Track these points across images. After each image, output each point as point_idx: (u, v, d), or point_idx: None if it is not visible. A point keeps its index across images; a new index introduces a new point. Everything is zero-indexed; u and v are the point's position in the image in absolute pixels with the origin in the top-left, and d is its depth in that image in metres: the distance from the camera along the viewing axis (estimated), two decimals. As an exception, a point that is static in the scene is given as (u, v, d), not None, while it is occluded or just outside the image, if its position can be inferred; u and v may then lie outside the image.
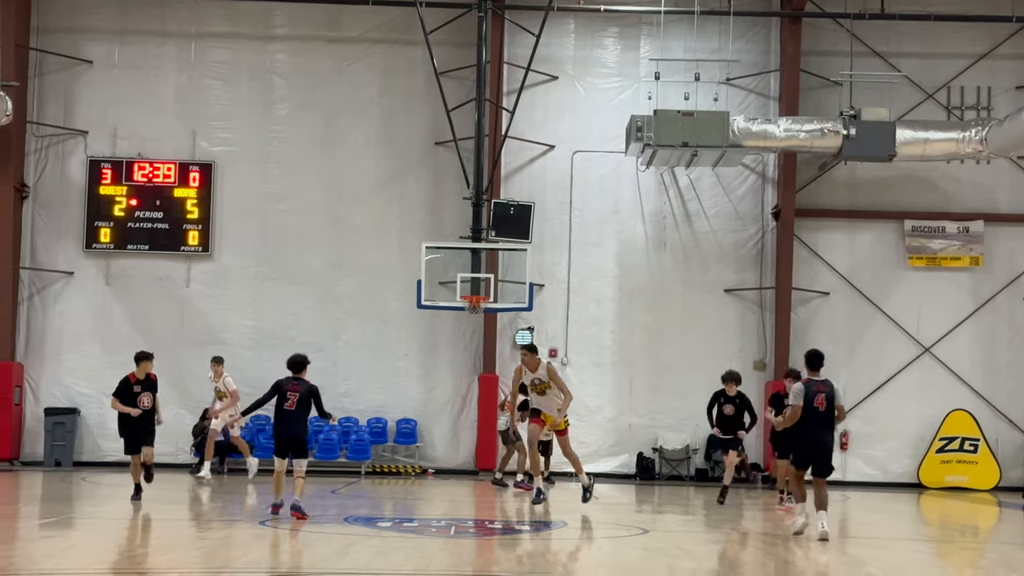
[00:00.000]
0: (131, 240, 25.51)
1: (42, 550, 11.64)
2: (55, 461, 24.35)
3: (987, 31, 25.42)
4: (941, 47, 25.50)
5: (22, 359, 25.04)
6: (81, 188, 25.66)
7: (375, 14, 25.26)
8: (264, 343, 24.35)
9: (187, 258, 25.60)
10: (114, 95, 25.77)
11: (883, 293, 25.51)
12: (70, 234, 25.62)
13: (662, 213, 25.89)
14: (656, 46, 25.57)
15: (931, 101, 25.39)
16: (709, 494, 21.01)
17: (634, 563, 11.72)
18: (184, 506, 17.84)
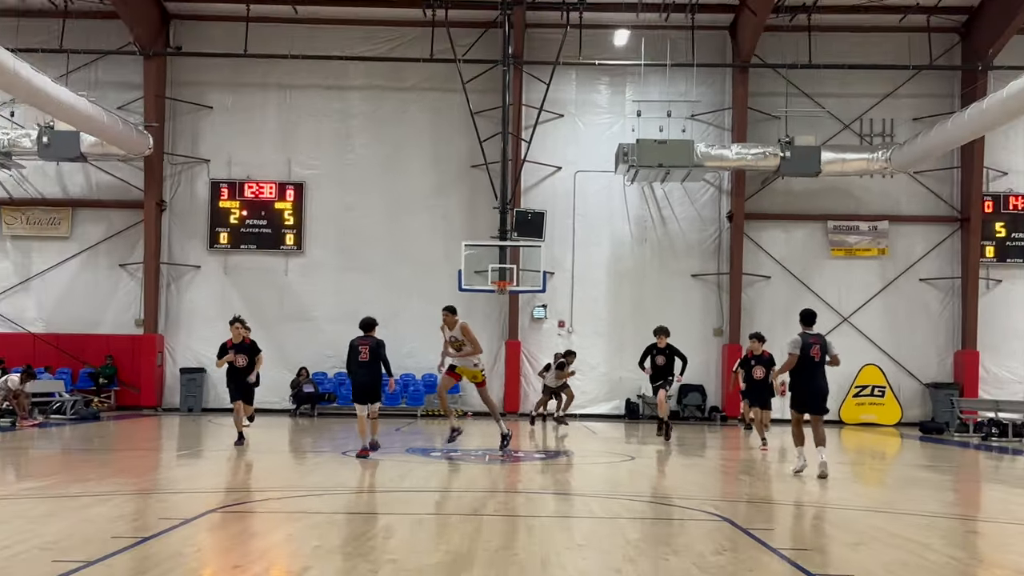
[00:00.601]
0: (243, 241, 25.88)
1: (179, 475, 12.12)
2: (188, 408, 24.83)
3: (890, 76, 25.46)
4: (855, 89, 25.51)
5: (163, 331, 25.46)
6: (205, 203, 26.03)
7: (427, 68, 25.36)
8: (343, 318, 24.38)
9: (285, 254, 25.90)
10: (229, 132, 26.06)
11: (811, 277, 25.66)
12: (197, 237, 26.00)
13: (643, 218, 26.03)
14: (638, 91, 25.73)
15: (848, 130, 25.41)
16: (680, 430, 21.30)
17: (623, 480, 12.20)
18: (285, 443, 18.15)
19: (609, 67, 26.05)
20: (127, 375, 25.19)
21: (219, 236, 25.97)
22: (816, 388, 11.84)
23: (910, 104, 25.70)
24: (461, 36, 24.92)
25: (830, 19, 25.24)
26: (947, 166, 25.73)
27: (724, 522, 8.47)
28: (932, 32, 25.55)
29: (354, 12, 25.63)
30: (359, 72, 25.90)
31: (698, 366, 25.67)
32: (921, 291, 25.59)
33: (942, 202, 26.02)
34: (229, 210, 26.00)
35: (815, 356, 11.66)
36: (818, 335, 11.97)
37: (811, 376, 11.75)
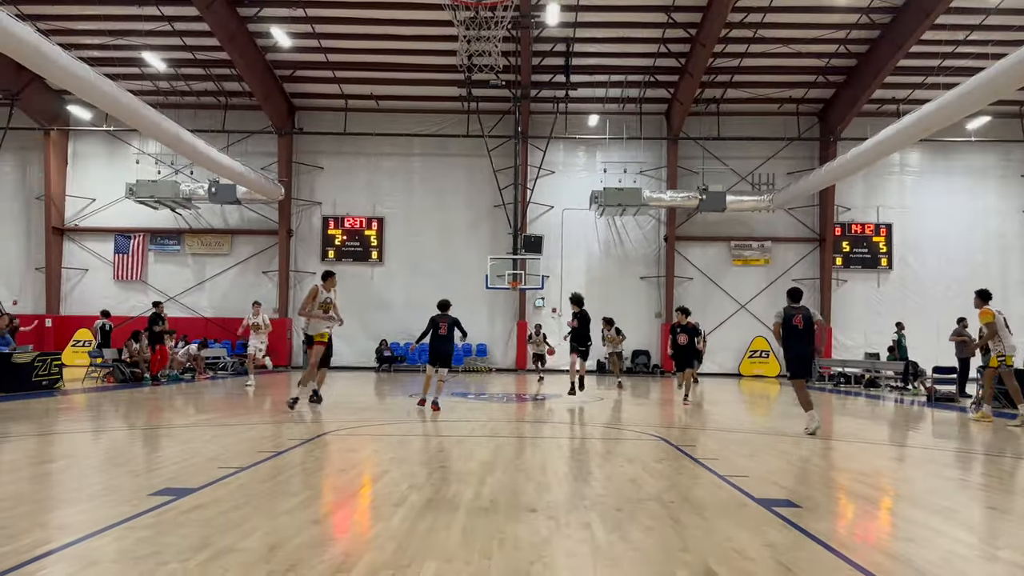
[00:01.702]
0: (343, 256, 25.97)
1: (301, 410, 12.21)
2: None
3: (772, 144, 25.41)
4: (749, 153, 25.46)
5: (291, 316, 25.64)
6: (319, 231, 26.11)
7: (464, 141, 25.43)
8: (411, 309, 24.81)
9: (371, 265, 25.90)
10: (334, 184, 26.10)
11: (720, 278, 25.68)
12: (313, 253, 26.11)
13: (608, 240, 26.01)
14: (604, 155, 25.77)
15: (744, 181, 25.30)
16: (633, 381, 21.36)
17: (595, 411, 12.25)
18: (371, 389, 18.24)
19: (585, 140, 26.02)
20: (269, 345, 25.23)
21: (328, 252, 26.01)
22: (796, 353, 9.63)
23: (785, 163, 25.59)
24: (487, 120, 25.11)
25: (732, 107, 25.32)
26: (810, 204, 25.66)
27: (662, 441, 8.48)
28: (800, 115, 25.60)
29: (415, 104, 25.73)
30: (419, 144, 25.95)
31: (644, 337, 25.79)
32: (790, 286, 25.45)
33: (807, 228, 25.89)
34: (334, 236, 26.05)
35: (798, 325, 9.58)
36: (802, 308, 9.84)
37: (794, 342, 9.60)
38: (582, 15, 21.32)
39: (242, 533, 4.25)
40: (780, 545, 4.14)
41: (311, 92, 25.78)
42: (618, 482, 5.94)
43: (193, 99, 25.26)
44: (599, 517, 4.76)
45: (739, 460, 7.22)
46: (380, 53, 23.47)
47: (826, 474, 6.75)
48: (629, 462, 6.91)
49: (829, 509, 5.19)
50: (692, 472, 6.51)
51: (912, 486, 6.34)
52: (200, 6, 19.84)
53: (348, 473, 6.39)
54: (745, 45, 22.46)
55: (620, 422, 10.72)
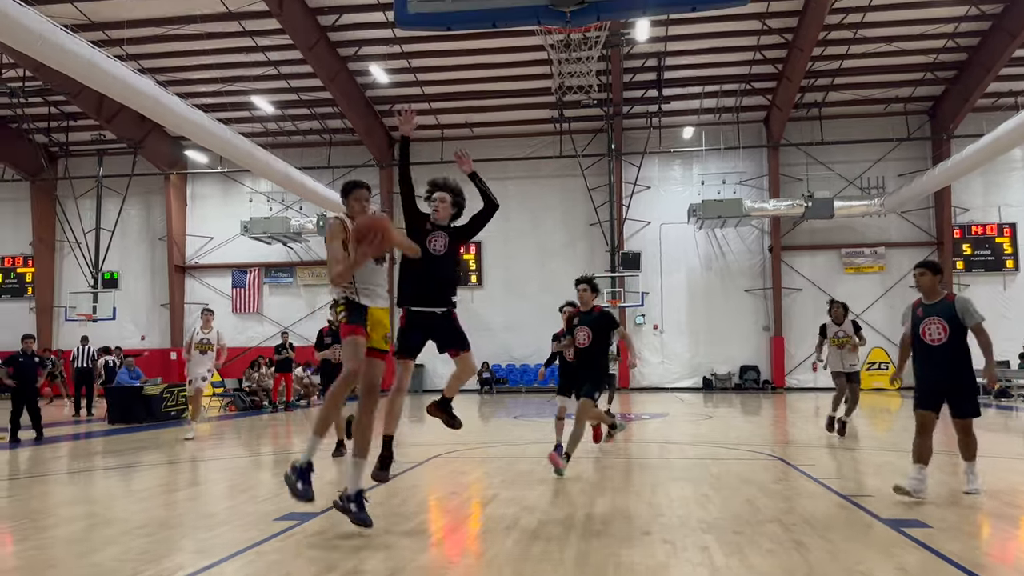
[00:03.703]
0: (444, 281, 26.56)
1: (409, 434, 12.47)
2: (414, 390, 25.11)
3: (880, 146, 24.39)
4: (856, 156, 24.53)
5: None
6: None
7: (557, 162, 25.55)
8: (509, 328, 25.06)
9: (470, 289, 26.01)
10: (432, 211, 26.81)
11: (831, 288, 24.62)
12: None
13: (708, 253, 25.47)
14: (701, 167, 25.39)
15: (852, 185, 24.36)
16: (742, 397, 20.74)
17: (704, 432, 11.99)
18: (475, 411, 18.35)
19: (680, 152, 25.69)
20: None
21: (429, 278, 26.54)
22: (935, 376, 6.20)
23: (895, 165, 24.45)
24: (579, 139, 25.21)
25: (835, 110, 24.51)
26: (925, 206, 24.39)
27: (778, 460, 8.23)
28: (908, 115, 24.48)
29: (508, 129, 26.11)
30: (513, 167, 26.18)
31: (752, 352, 25.06)
32: (911, 294, 24.03)
33: (923, 231, 24.60)
34: (435, 261, 26.55)
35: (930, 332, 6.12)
36: (936, 304, 6.28)
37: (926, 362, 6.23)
38: (672, 28, 21.14)
39: (364, 556, 4.40)
40: (912, 568, 3.95)
41: (408, 124, 26.50)
42: (734, 504, 5.80)
43: (300, 138, 26.49)
44: (716, 540, 4.66)
45: (862, 479, 6.91)
46: (473, 82, 23.97)
47: (957, 492, 6.37)
48: (744, 483, 6.73)
49: (962, 529, 4.91)
50: (812, 492, 6.27)
51: (1057, 505, 5.90)
52: (303, 49, 20.85)
53: (460, 496, 6.50)
54: (846, 46, 21.70)
55: (731, 441, 10.45)
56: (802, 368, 24.46)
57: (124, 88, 14.73)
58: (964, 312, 6.06)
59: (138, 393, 14.75)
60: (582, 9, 5.34)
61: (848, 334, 10.63)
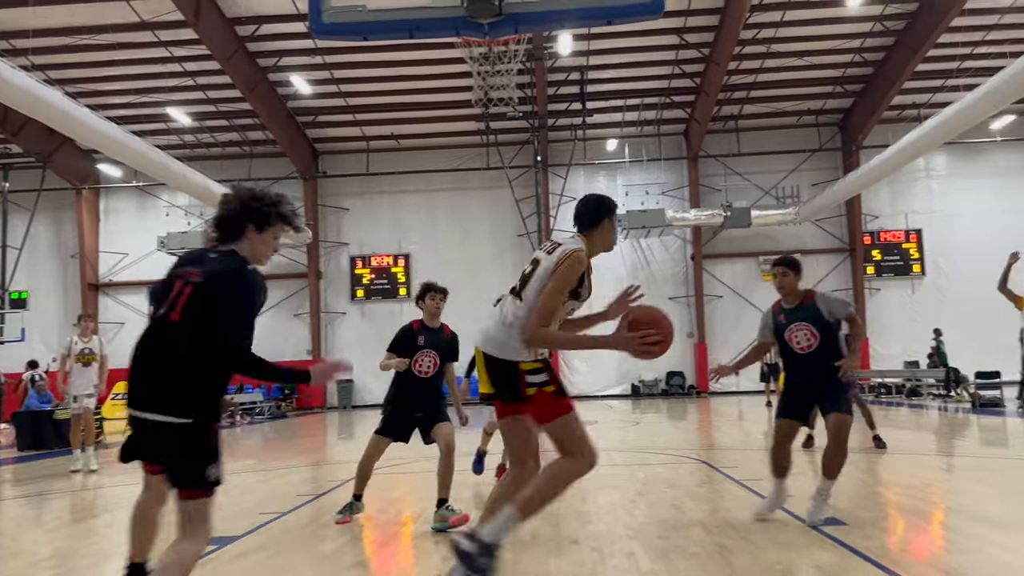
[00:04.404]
0: (372, 294, 26.14)
1: (340, 451, 12.27)
2: (343, 406, 25.00)
3: (794, 157, 25.31)
4: (771, 167, 25.32)
5: (324, 357, 25.71)
6: (347, 271, 26.33)
7: (485, 174, 25.55)
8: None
9: (400, 302, 25.92)
10: (360, 224, 26.35)
11: (750, 294, 25.32)
12: (343, 294, 26.32)
13: (635, 262, 25.94)
14: (625, 178, 25.83)
15: (768, 195, 25.16)
16: (668, 402, 21.11)
17: (632, 437, 12.14)
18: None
19: (605, 164, 26.08)
20: (303, 387, 25.42)
21: (357, 292, 26.21)
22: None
23: (809, 175, 25.37)
24: (506, 151, 25.35)
25: (751, 122, 25.29)
26: (837, 214, 25.38)
27: (702, 464, 8.38)
28: (820, 126, 25.49)
29: (435, 140, 26.03)
30: (441, 179, 26.11)
31: (678, 358, 25.56)
32: (826, 299, 25.06)
33: (836, 238, 25.61)
34: (362, 275, 26.24)
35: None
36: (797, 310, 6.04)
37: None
38: (594, 43, 21.50)
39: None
40: (829, 566, 4.06)
41: (333, 136, 26.20)
42: (660, 508, 5.88)
43: (219, 150, 25.82)
44: (642, 546, 4.71)
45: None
46: (398, 94, 23.83)
47: (872, 489, 6.61)
48: (670, 487, 6.83)
49: (877, 525, 5.09)
50: (734, 494, 6.41)
51: (961, 496, 6.19)
52: (220, 59, 20.35)
53: (387, 512, 6.40)
54: (760, 61, 22.48)
55: (658, 446, 10.60)
56: (726, 373, 25.08)
57: (31, 100, 14.07)
58: (830, 307, 5.31)
59: (48, 417, 14.03)
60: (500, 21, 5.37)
61: None
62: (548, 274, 3.61)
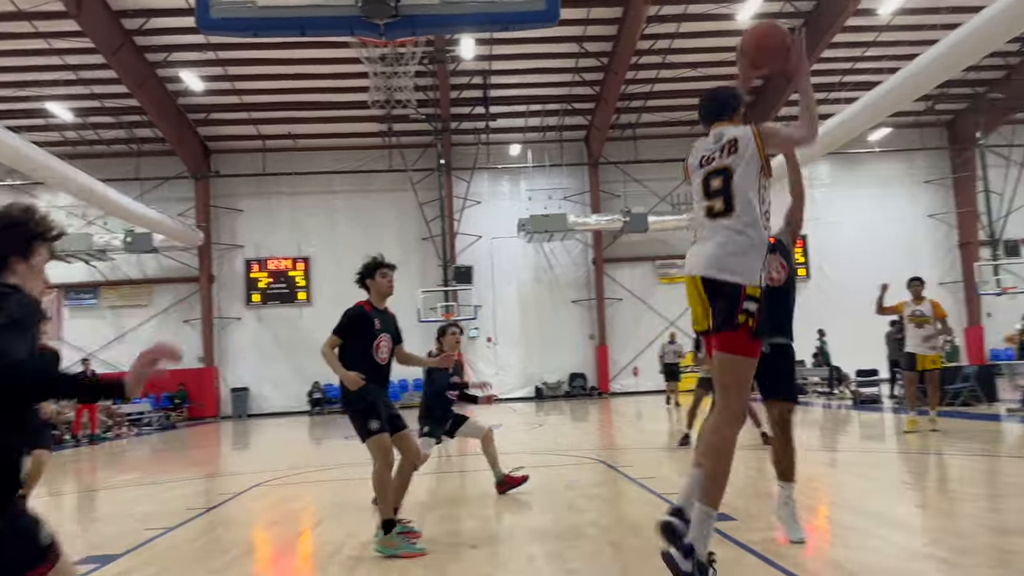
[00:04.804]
0: (269, 299, 25.38)
1: (233, 462, 11.85)
2: (238, 415, 24.15)
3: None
4: (668, 174, 25.89)
5: (218, 364, 24.86)
6: (242, 275, 25.48)
7: (388, 176, 25.30)
8: None
9: (299, 306, 25.35)
10: (255, 226, 25.55)
11: (648, 297, 26.07)
12: (237, 298, 25.43)
13: (538, 266, 26.18)
14: (529, 183, 26.02)
15: (664, 202, 25.93)
16: (572, 404, 21.39)
17: (535, 439, 12.22)
18: (305, 434, 17.70)
19: (509, 169, 26.24)
20: (194, 396, 24.45)
21: (253, 296, 25.40)
22: None
23: (703, 182, 26.23)
24: (409, 154, 25.16)
25: (648, 131, 25.98)
26: (730, 220, 26.37)
27: (601, 464, 8.52)
28: (714, 135, 26.48)
29: (335, 141, 25.58)
30: (342, 181, 25.65)
31: (580, 360, 25.99)
32: (719, 302, 25.97)
33: (728, 244, 26.59)
34: (258, 279, 25.45)
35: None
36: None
37: None
38: (496, 48, 21.62)
39: (169, 599, 4.06)
40: (720, 561, 4.18)
41: (226, 135, 25.32)
42: (559, 509, 5.93)
43: (103, 148, 24.49)
44: (541, 548, 4.73)
45: (675, 477, 7.29)
46: (296, 92, 23.26)
47: (760, 484, 6.87)
48: (569, 488, 6.90)
49: (763, 520, 5.28)
50: (630, 492, 6.54)
51: (841, 489, 6.52)
52: (106, 53, 19.33)
53: (282, 525, 6.19)
54: (656, 71, 23.13)
55: (559, 447, 10.71)
56: (625, 374, 25.69)
57: None
58: None
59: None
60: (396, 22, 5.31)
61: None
62: (758, 159, 3.47)
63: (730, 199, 3.42)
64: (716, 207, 3.46)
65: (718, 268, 3.40)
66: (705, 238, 3.51)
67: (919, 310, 10.00)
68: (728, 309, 3.35)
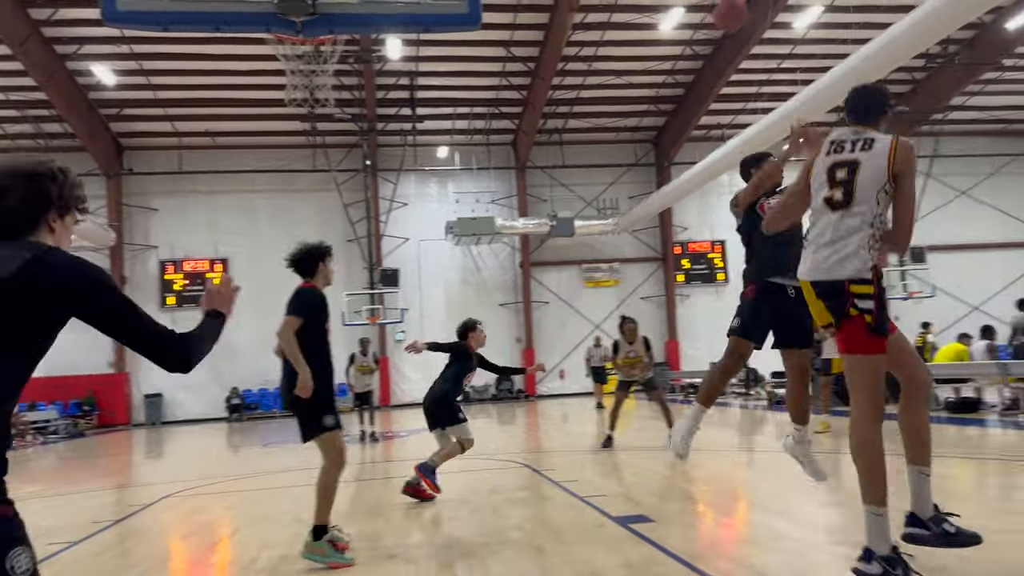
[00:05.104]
0: (186, 302, 24.42)
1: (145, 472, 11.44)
2: (151, 422, 23.29)
3: (613, 171, 26.58)
4: (593, 179, 26.41)
5: (129, 369, 23.90)
6: (156, 277, 24.59)
7: (311, 176, 24.86)
8: (262, 350, 23.77)
9: (218, 309, 24.77)
10: (171, 226, 24.68)
11: (575, 301, 26.36)
12: (151, 301, 24.36)
13: (466, 268, 26.18)
14: (456, 185, 25.99)
15: (590, 206, 26.22)
16: (498, 407, 21.40)
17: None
18: (223, 441, 17.24)
19: (436, 171, 26.11)
20: (105, 403, 23.44)
21: (167, 299, 24.51)
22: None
23: (627, 188, 26.72)
24: (334, 154, 24.75)
25: (574, 136, 26.27)
26: (652, 225, 26.92)
27: (525, 468, 8.54)
28: (636, 143, 26.99)
29: (258, 139, 24.97)
30: (263, 180, 25.04)
31: (506, 363, 25.88)
32: (642, 305, 26.44)
33: (650, 248, 27.16)
34: (174, 280, 24.60)
35: None
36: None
37: None
38: (423, 49, 21.49)
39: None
40: (636, 563, 4.25)
41: (141, 131, 24.39)
42: (481, 515, 5.91)
43: (8, 142, 23.21)
44: (460, 554, 4.70)
45: (597, 480, 7.38)
46: (215, 89, 22.56)
47: (678, 485, 7.02)
48: (492, 492, 6.90)
49: (682, 521, 5.40)
50: (553, 496, 6.58)
51: (754, 489, 6.72)
52: (11, 44, 18.37)
53: (195, 537, 5.99)
54: (582, 78, 23.41)
55: (485, 451, 10.71)
56: (551, 376, 25.87)
57: None
58: None
59: None
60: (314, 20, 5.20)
61: (639, 353, 10.22)
62: (885, 171, 3.34)
63: (851, 192, 3.38)
64: (836, 197, 3.42)
65: (826, 269, 3.39)
66: (818, 237, 3.47)
67: None
68: (839, 307, 3.35)
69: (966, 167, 27.51)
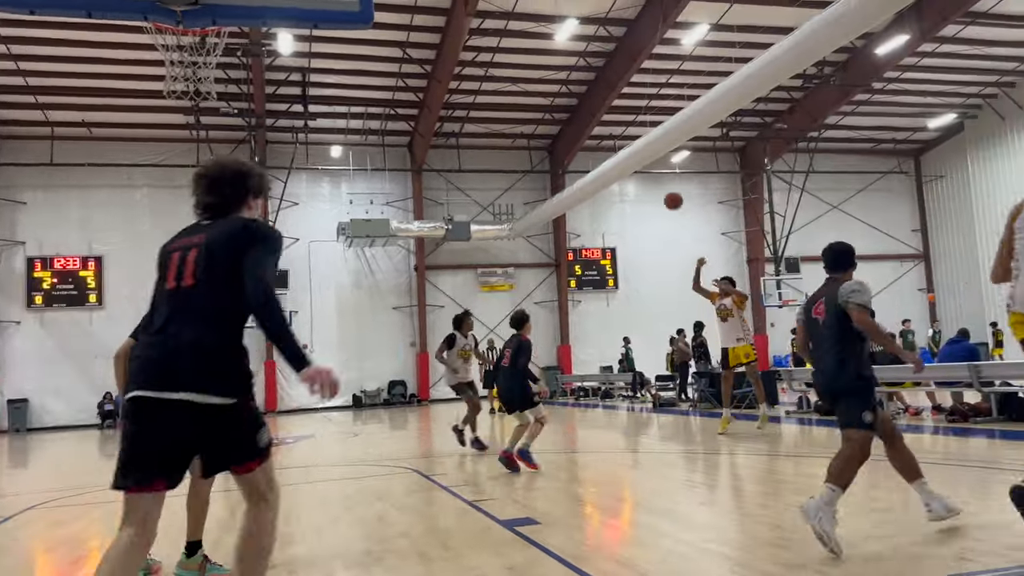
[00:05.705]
0: (55, 301, 23.07)
1: (8, 481, 10.61)
2: (15, 429, 21.67)
3: (509, 176, 26.87)
4: (489, 184, 26.67)
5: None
6: (22, 274, 23.01)
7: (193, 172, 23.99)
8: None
9: (89, 310, 23.29)
10: (41, 221, 23.17)
11: (470, 304, 26.11)
12: (17, 300, 22.90)
13: (359, 271, 25.80)
14: (350, 186, 25.62)
15: (486, 211, 26.44)
16: (389, 413, 21.13)
17: (349, 449, 11.91)
18: (95, 449, 16.26)
19: (329, 171, 25.65)
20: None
21: (35, 298, 22.96)
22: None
23: (522, 194, 27.07)
24: (220, 149, 23.68)
25: (471, 141, 26.41)
26: (546, 232, 27.36)
27: (414, 473, 8.46)
28: (532, 149, 27.35)
29: (137, 132, 23.78)
30: (142, 175, 23.93)
31: (400, 367, 25.78)
32: (537, 310, 26.76)
33: (544, 254, 27.58)
34: (42, 279, 23.08)
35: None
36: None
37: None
38: (316, 46, 21.02)
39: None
40: (520, 566, 4.27)
41: (8, 119, 22.75)
42: (367, 522, 5.80)
43: None
44: (344, 563, 4.59)
45: (486, 484, 7.38)
46: (92, 77, 21.31)
47: (565, 487, 7.12)
48: (379, 499, 6.78)
49: (565, 522, 5.47)
50: (441, 501, 6.53)
51: (639, 490, 6.90)
52: None
53: (57, 552, 5.59)
54: (478, 83, 23.52)
55: (374, 457, 10.53)
56: (444, 381, 25.76)
57: None
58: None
59: None
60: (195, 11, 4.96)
61: (471, 347, 11.29)
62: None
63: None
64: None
65: None
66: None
67: (723, 304, 10.97)
68: None
69: (838, 183, 29.36)
